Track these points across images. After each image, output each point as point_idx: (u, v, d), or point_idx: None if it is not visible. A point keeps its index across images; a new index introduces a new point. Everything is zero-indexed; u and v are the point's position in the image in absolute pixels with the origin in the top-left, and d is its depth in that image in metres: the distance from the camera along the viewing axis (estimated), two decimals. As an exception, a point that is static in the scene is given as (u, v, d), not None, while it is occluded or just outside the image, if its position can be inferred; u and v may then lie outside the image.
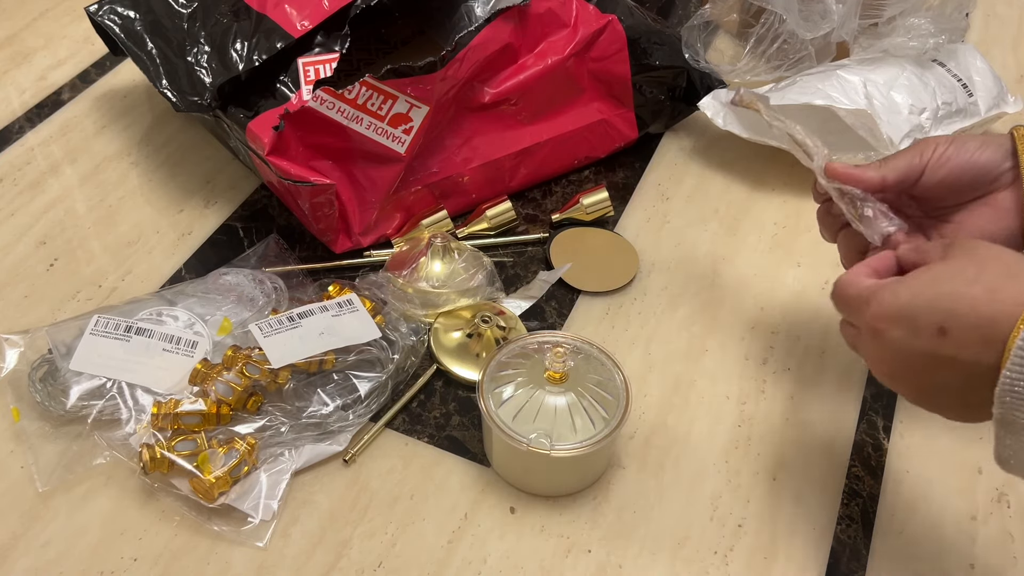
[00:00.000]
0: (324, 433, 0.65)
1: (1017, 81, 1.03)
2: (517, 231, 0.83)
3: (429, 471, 0.65)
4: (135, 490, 0.63)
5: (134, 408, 0.65)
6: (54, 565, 0.59)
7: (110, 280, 0.78)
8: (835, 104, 0.80)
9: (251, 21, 0.78)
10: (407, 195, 0.79)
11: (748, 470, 0.65)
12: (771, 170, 0.89)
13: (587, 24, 0.82)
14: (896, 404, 0.70)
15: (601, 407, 0.61)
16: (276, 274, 0.76)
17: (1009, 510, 0.63)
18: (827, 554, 0.61)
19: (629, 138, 0.89)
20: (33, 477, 0.63)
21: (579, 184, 0.88)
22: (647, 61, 0.85)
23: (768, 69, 0.90)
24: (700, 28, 0.88)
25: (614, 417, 0.61)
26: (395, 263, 0.76)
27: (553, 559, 0.60)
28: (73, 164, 0.89)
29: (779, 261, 0.81)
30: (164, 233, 0.82)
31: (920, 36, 0.86)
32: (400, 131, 0.74)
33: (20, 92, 0.97)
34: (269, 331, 0.67)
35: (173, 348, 0.68)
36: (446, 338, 0.72)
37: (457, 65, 0.74)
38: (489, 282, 0.75)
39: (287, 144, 0.72)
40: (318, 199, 0.74)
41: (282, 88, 0.76)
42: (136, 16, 0.81)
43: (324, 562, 0.60)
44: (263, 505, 0.61)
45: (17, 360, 0.69)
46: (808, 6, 0.87)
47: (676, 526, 0.62)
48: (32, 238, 0.81)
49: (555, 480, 0.63)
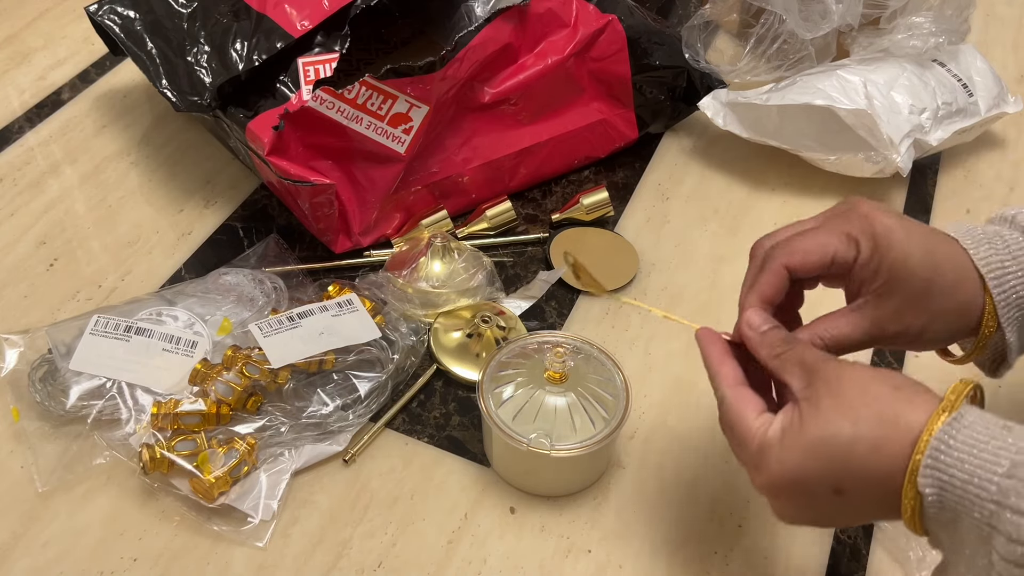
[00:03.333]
0: (324, 433, 0.65)
1: (1017, 81, 1.03)
2: (517, 231, 0.83)
3: (429, 471, 0.65)
4: (135, 490, 0.63)
5: (134, 408, 0.65)
6: (54, 565, 0.59)
7: (110, 280, 0.78)
8: (835, 104, 0.80)
9: (251, 21, 0.78)
10: (407, 195, 0.79)
11: (748, 470, 0.65)
12: (771, 170, 0.89)
13: (587, 24, 0.82)
14: (896, 404, 0.70)
15: (601, 407, 0.61)
16: (276, 274, 0.76)
17: (1009, 510, 0.63)
18: (827, 554, 0.61)
19: (629, 138, 0.89)
20: (33, 477, 0.63)
21: (579, 184, 0.88)
22: (647, 61, 0.85)
23: (768, 69, 0.90)
24: (700, 28, 0.88)
25: (614, 417, 0.61)
26: (395, 263, 0.76)
27: (553, 559, 0.60)
28: (73, 164, 0.89)
29: (779, 261, 0.81)
30: (164, 233, 0.82)
31: (921, 35, 0.86)
32: (400, 131, 0.74)
33: (20, 92, 0.97)
34: (269, 331, 0.67)
35: (173, 348, 0.68)
36: (446, 338, 0.72)
37: (457, 65, 0.74)
38: (489, 282, 0.75)
39: (287, 144, 0.72)
40: (318, 199, 0.74)
41: (282, 88, 0.76)
42: (136, 16, 0.81)
43: (324, 562, 0.60)
44: (263, 505, 0.61)
45: (17, 360, 0.69)
46: (808, 6, 0.87)
47: (676, 526, 0.62)
48: (32, 238, 0.81)
49: (555, 480, 0.63)
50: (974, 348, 0.51)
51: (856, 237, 0.50)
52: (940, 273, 0.49)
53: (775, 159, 0.88)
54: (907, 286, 0.49)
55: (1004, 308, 0.49)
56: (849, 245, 0.50)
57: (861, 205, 0.51)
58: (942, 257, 0.49)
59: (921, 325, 0.50)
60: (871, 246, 0.49)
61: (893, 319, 0.50)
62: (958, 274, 0.49)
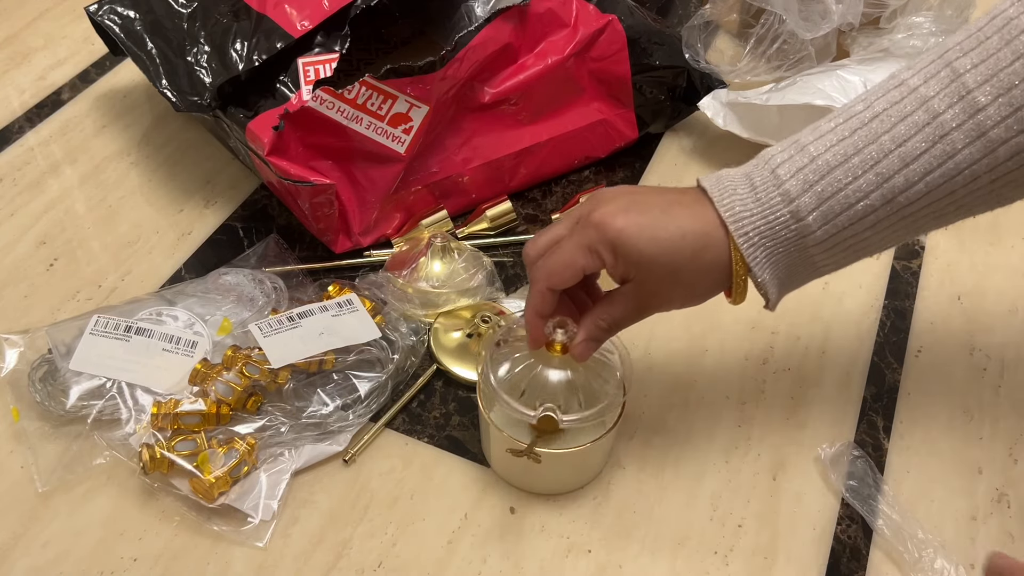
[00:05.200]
0: (324, 433, 0.65)
1: (1017, 81, 1.03)
2: (517, 231, 0.83)
3: (429, 471, 0.65)
4: (135, 490, 0.63)
5: (134, 408, 0.65)
6: (54, 565, 0.59)
7: (110, 280, 0.78)
8: (835, 104, 0.80)
9: (251, 21, 0.78)
10: (407, 195, 0.79)
11: (748, 470, 0.65)
12: (771, 170, 0.89)
13: (587, 24, 0.82)
14: (896, 404, 0.70)
15: (603, 382, 0.60)
16: (276, 274, 0.76)
17: (1009, 510, 0.63)
18: (827, 554, 0.61)
19: (629, 138, 0.89)
20: (33, 477, 0.63)
21: (579, 184, 0.88)
22: (647, 61, 0.85)
23: (768, 69, 0.90)
24: (700, 28, 0.88)
25: (617, 392, 0.60)
26: (395, 263, 0.76)
27: (553, 559, 0.60)
28: (73, 164, 0.89)
29: (779, 261, 0.81)
30: (164, 233, 0.82)
31: (921, 35, 0.86)
32: (400, 131, 0.74)
33: (20, 92, 0.98)
34: (269, 331, 0.67)
35: (173, 348, 0.68)
36: (446, 338, 0.72)
37: (457, 65, 0.74)
38: (489, 282, 0.75)
39: (287, 144, 0.72)
40: (318, 199, 0.74)
41: (282, 88, 0.76)
42: (136, 16, 0.81)
43: (324, 562, 0.60)
44: (263, 505, 0.61)
45: (17, 360, 0.69)
46: (808, 6, 0.87)
47: (676, 526, 0.62)
48: (32, 238, 0.81)
49: (555, 475, 0.63)
50: (735, 294, 0.55)
51: (596, 248, 0.53)
52: (680, 250, 0.53)
53: (775, 159, 0.88)
54: (653, 273, 0.53)
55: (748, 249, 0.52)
56: (592, 257, 0.53)
57: (595, 211, 0.53)
58: (679, 231, 0.53)
59: (682, 294, 0.55)
60: (611, 254, 0.53)
61: (654, 296, 0.55)
62: (700, 240, 0.53)
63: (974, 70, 0.48)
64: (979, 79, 0.48)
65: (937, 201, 0.50)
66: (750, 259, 0.52)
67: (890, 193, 0.50)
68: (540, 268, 0.55)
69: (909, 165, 0.49)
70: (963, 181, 0.49)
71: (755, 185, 0.52)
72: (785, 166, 0.52)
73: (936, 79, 0.49)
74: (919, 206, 0.51)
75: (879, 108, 0.51)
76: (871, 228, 0.51)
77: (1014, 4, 0.49)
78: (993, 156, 0.48)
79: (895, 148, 0.50)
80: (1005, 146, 0.48)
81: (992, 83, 0.48)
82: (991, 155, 0.48)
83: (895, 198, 0.50)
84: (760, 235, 0.52)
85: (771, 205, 0.52)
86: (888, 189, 0.50)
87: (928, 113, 0.49)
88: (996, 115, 0.48)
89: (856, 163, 0.50)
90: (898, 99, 0.50)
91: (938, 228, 0.53)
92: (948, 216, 0.52)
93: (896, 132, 0.50)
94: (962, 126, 0.48)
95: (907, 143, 0.49)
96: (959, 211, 0.52)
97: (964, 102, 0.48)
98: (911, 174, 0.50)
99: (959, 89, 0.49)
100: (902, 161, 0.50)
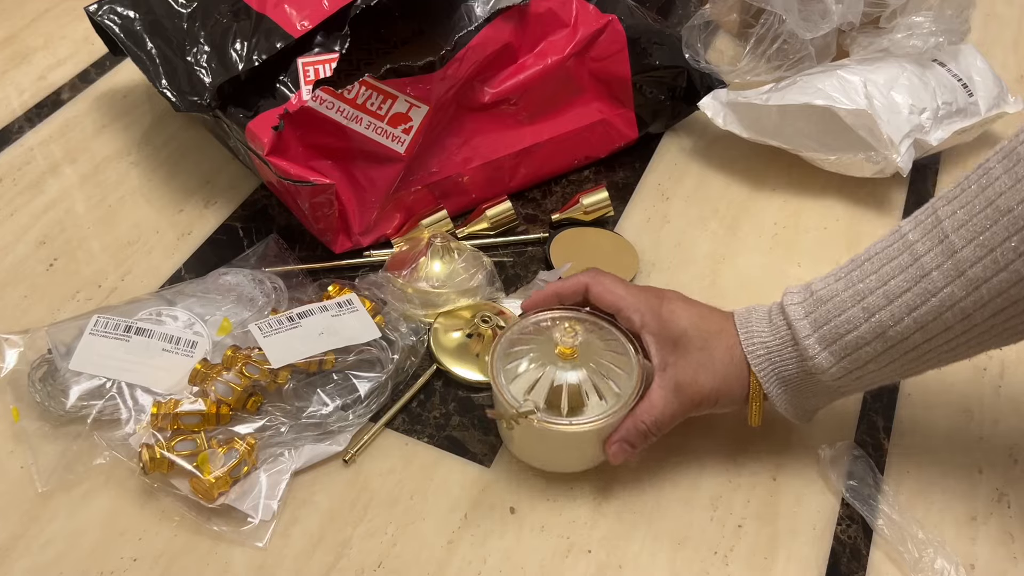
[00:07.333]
0: (324, 433, 0.65)
1: (1017, 81, 1.03)
2: (517, 231, 0.83)
3: (429, 471, 0.65)
4: (135, 490, 0.63)
5: (134, 408, 0.65)
6: (54, 565, 0.59)
7: (110, 280, 0.78)
8: (835, 104, 0.80)
9: (251, 21, 0.78)
10: (407, 195, 0.79)
11: (748, 470, 0.65)
12: (771, 170, 0.89)
13: (587, 24, 0.82)
14: (896, 404, 0.70)
15: (614, 382, 0.61)
16: (276, 274, 0.76)
17: (1009, 510, 0.63)
18: (827, 554, 0.61)
19: (629, 138, 0.89)
20: (33, 477, 0.63)
21: (579, 184, 0.88)
22: (647, 61, 0.85)
23: (768, 69, 0.90)
24: (700, 28, 0.88)
25: (627, 391, 0.60)
26: (395, 263, 0.76)
27: (553, 559, 0.60)
28: (73, 164, 0.89)
29: (779, 261, 0.81)
30: (164, 233, 0.82)
31: (921, 35, 0.86)
32: (400, 131, 0.74)
33: (20, 92, 0.98)
34: (269, 331, 0.67)
35: (173, 348, 0.68)
36: (446, 338, 0.72)
37: (457, 65, 0.74)
38: (489, 282, 0.75)
39: (287, 144, 0.72)
40: (318, 199, 0.74)
41: (282, 88, 0.76)
42: (136, 16, 0.81)
43: (324, 562, 0.60)
44: (263, 505, 0.61)
45: (17, 360, 0.69)
46: (808, 6, 0.87)
47: (676, 526, 0.62)
48: (32, 238, 0.81)
49: (575, 454, 0.63)
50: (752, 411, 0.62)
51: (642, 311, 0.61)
52: (711, 337, 0.60)
53: (775, 159, 0.88)
54: (688, 345, 0.60)
55: (764, 378, 0.60)
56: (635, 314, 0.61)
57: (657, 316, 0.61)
58: (713, 327, 0.61)
59: (712, 387, 0.60)
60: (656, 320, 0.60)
61: (689, 380, 0.59)
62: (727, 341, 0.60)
63: (953, 216, 0.52)
64: (956, 224, 0.52)
65: (936, 336, 0.54)
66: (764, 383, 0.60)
67: (879, 328, 0.55)
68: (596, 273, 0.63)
69: (893, 302, 0.54)
70: (954, 318, 0.53)
71: (772, 318, 0.60)
72: (790, 296, 0.60)
73: (922, 226, 0.54)
74: (917, 341, 0.54)
75: (873, 252, 0.56)
76: (873, 361, 0.56)
77: (996, 154, 0.52)
78: (978, 294, 0.52)
79: (879, 287, 0.55)
80: (987, 285, 0.51)
81: (967, 227, 0.52)
82: (975, 293, 0.52)
83: (885, 332, 0.55)
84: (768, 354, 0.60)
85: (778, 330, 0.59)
86: (876, 323, 0.55)
87: (911, 256, 0.54)
88: (971, 256, 0.51)
89: (846, 298, 0.56)
90: (890, 244, 0.56)
91: (966, 359, 0.56)
92: (961, 350, 0.55)
93: (882, 272, 0.55)
94: (941, 267, 0.53)
95: (891, 282, 0.54)
96: (971, 345, 0.55)
97: (943, 245, 0.52)
98: (896, 310, 0.54)
99: (939, 234, 0.53)
100: (887, 298, 0.54)
